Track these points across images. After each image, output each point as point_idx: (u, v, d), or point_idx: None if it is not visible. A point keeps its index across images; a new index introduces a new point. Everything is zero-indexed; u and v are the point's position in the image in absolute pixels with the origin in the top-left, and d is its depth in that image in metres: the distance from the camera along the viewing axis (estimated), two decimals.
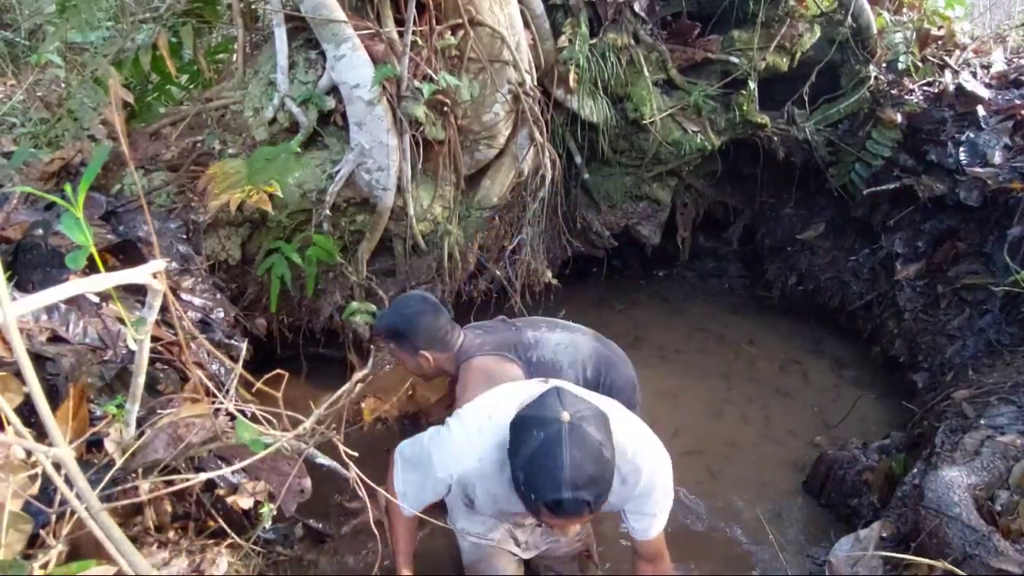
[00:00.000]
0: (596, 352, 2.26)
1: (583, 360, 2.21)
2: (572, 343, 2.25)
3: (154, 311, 1.08)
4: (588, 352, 2.24)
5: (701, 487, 2.55)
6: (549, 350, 2.19)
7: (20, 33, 4.10)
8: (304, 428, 1.33)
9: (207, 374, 1.83)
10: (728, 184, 4.09)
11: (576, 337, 2.28)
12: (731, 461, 2.71)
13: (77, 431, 1.33)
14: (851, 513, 2.35)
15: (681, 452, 2.74)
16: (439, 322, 2.14)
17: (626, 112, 3.32)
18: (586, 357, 2.23)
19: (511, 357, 2.16)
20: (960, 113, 3.23)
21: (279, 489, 1.51)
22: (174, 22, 2.74)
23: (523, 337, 2.21)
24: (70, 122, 2.53)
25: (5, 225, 1.95)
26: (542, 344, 2.20)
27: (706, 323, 3.82)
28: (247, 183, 2.22)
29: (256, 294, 2.68)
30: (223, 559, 1.39)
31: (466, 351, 2.17)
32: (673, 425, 2.89)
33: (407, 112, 2.50)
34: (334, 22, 2.35)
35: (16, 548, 1.12)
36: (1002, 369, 2.56)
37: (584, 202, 3.68)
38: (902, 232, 3.35)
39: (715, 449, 2.78)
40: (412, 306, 2.15)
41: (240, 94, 2.60)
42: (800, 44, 3.41)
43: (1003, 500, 1.83)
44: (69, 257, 1.02)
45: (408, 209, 2.68)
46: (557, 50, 3.07)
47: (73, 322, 1.66)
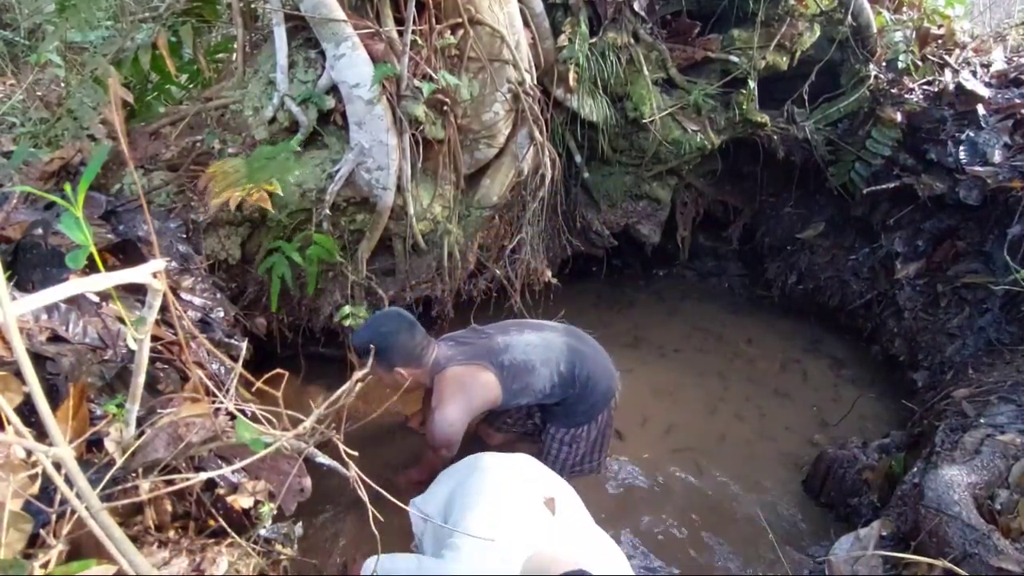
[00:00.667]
0: (568, 347, 2.34)
1: (555, 357, 2.29)
2: (543, 342, 2.31)
3: (154, 310, 1.08)
4: (560, 348, 2.32)
5: (697, 485, 2.55)
6: (520, 351, 2.26)
7: (20, 32, 4.10)
8: (304, 427, 1.33)
9: (207, 373, 1.83)
10: (728, 183, 4.09)
11: (547, 335, 2.35)
12: (729, 459, 2.71)
13: (77, 431, 1.33)
14: (851, 512, 2.35)
15: (674, 449, 2.75)
16: (414, 340, 2.17)
17: (626, 111, 3.32)
18: (558, 353, 2.30)
19: (484, 364, 2.22)
20: (960, 112, 3.23)
21: (279, 488, 1.52)
22: (174, 21, 2.74)
23: (494, 343, 2.28)
24: (70, 121, 2.53)
25: (5, 224, 1.95)
26: (513, 347, 2.27)
27: (705, 322, 3.83)
28: (247, 182, 2.23)
29: (256, 293, 2.68)
30: (223, 558, 1.39)
31: (440, 363, 2.22)
32: (668, 422, 2.91)
33: (407, 111, 2.50)
34: (334, 21, 2.35)
35: (16, 547, 1.12)
36: (1002, 368, 2.57)
37: (584, 201, 3.69)
38: (902, 231, 3.35)
39: (713, 447, 2.78)
40: (387, 324, 2.17)
41: (240, 93, 2.60)
42: (800, 43, 3.41)
43: (1003, 499, 1.83)
44: (69, 256, 1.02)
45: (408, 208, 2.68)
46: (557, 49, 3.07)
47: (73, 321, 1.66)
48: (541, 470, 1.90)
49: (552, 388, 2.29)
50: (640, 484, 2.55)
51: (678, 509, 2.43)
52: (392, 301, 2.90)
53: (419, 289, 2.98)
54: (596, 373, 2.34)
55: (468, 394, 2.18)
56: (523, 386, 2.25)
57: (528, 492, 1.73)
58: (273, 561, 1.54)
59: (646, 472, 2.60)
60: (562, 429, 2.41)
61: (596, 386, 2.35)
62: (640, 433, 2.84)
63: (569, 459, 2.44)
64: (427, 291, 3.01)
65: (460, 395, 2.16)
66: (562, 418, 2.40)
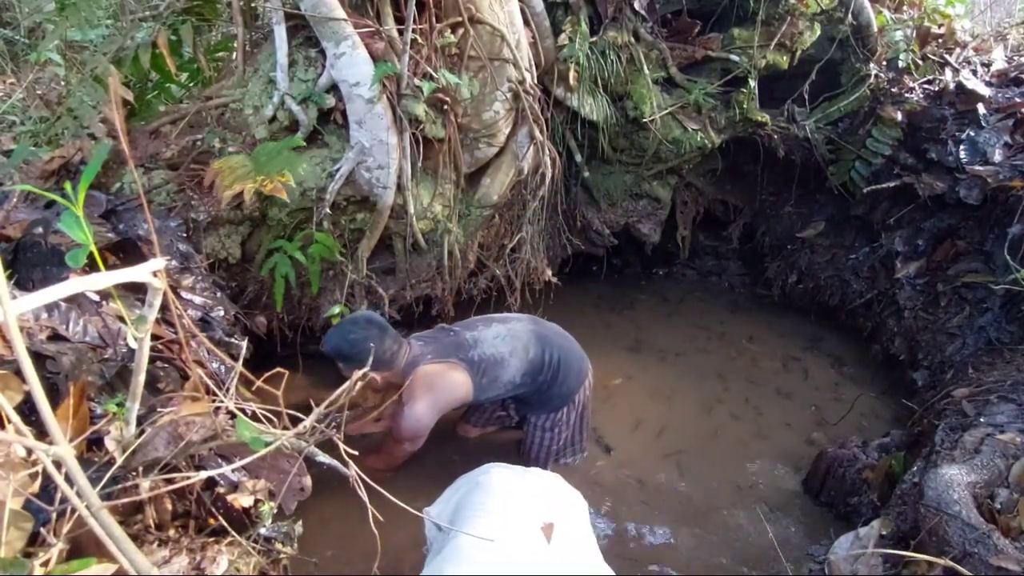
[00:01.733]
0: (534, 333, 2.38)
1: (524, 345, 2.33)
2: (509, 332, 2.36)
3: (154, 309, 1.08)
4: (526, 337, 2.36)
5: (697, 485, 2.55)
6: (489, 345, 2.30)
7: (20, 31, 4.10)
8: (304, 426, 1.33)
9: (207, 372, 1.83)
10: (728, 182, 4.09)
11: (512, 326, 2.39)
12: (729, 459, 2.71)
13: (77, 429, 1.33)
14: (851, 511, 2.35)
15: (673, 450, 2.75)
16: (384, 344, 2.17)
17: (626, 110, 3.32)
18: (526, 342, 2.35)
19: (454, 362, 2.26)
20: (960, 111, 3.23)
21: (279, 487, 1.52)
22: (174, 20, 2.74)
23: (462, 339, 2.32)
24: (70, 120, 2.53)
25: (5, 223, 1.95)
26: (481, 342, 2.31)
27: (706, 322, 3.83)
28: (256, 175, 2.23)
29: (256, 292, 2.69)
30: (223, 557, 1.39)
31: (412, 362, 2.24)
32: (667, 424, 2.90)
33: (407, 110, 2.50)
34: (334, 20, 2.34)
35: (17, 546, 1.12)
36: (1002, 367, 2.57)
37: (584, 200, 3.69)
38: (902, 230, 3.35)
39: (713, 447, 2.78)
40: (356, 331, 2.17)
41: (240, 92, 2.60)
42: (800, 42, 3.40)
43: (1003, 498, 1.83)
44: (69, 255, 1.02)
45: (408, 207, 2.68)
46: (557, 48, 3.07)
47: (73, 320, 1.66)
48: (554, 493, 1.77)
49: (523, 377, 2.32)
50: (639, 484, 2.55)
51: (678, 509, 2.43)
52: (392, 300, 2.90)
53: (419, 288, 2.99)
54: (565, 355, 2.39)
55: (438, 392, 2.21)
56: (493, 379, 2.28)
57: (527, 515, 1.62)
58: (273, 560, 1.54)
59: (644, 472, 2.60)
60: (542, 416, 2.45)
61: (569, 368, 2.39)
62: (640, 434, 2.84)
63: (554, 445, 2.48)
64: (427, 290, 3.01)
65: (429, 393, 2.20)
66: (539, 405, 2.44)
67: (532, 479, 1.80)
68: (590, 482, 2.50)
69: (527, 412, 2.51)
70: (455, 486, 1.88)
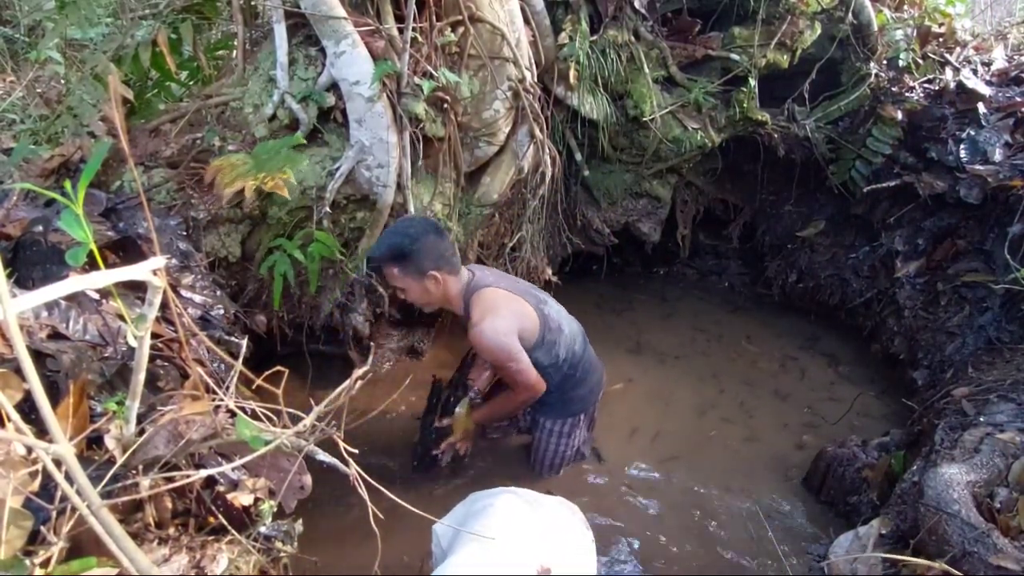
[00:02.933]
0: (580, 331, 2.40)
1: (575, 334, 2.33)
2: (567, 316, 2.36)
3: (154, 308, 1.08)
4: (576, 328, 2.38)
5: (695, 485, 2.55)
6: (555, 311, 2.26)
7: (19, 30, 4.10)
8: (304, 425, 1.33)
9: (207, 371, 1.82)
10: (728, 181, 4.09)
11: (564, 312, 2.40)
12: (729, 459, 2.71)
13: (77, 428, 1.33)
14: (850, 510, 2.35)
15: (674, 450, 2.75)
16: (444, 242, 2.03)
17: (626, 109, 3.32)
18: (576, 332, 2.35)
19: (526, 299, 2.13)
20: (961, 110, 3.23)
21: (279, 486, 1.51)
22: (174, 19, 2.74)
23: (534, 290, 2.28)
24: (70, 119, 2.53)
25: (5, 222, 1.95)
26: (550, 304, 2.28)
27: (705, 321, 3.83)
28: (257, 172, 2.22)
29: (256, 291, 2.68)
30: (223, 556, 1.39)
31: (479, 282, 2.09)
32: (664, 425, 2.91)
33: (407, 109, 2.50)
34: (334, 19, 2.34)
35: (17, 545, 1.12)
36: (1002, 367, 2.57)
37: (584, 199, 3.68)
38: (902, 229, 3.35)
39: (714, 447, 2.79)
40: (416, 225, 2.00)
41: (240, 91, 2.60)
42: (801, 41, 3.40)
43: (1002, 497, 1.83)
44: (69, 254, 1.02)
45: (408, 206, 2.67)
46: (557, 47, 3.07)
47: (73, 319, 1.66)
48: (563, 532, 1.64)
49: (563, 360, 2.22)
50: (637, 485, 2.55)
51: (677, 509, 2.43)
52: (392, 299, 2.90)
53: None
54: (593, 360, 2.41)
55: (507, 310, 2.03)
56: (551, 342, 2.16)
57: (524, 553, 1.49)
58: (273, 559, 1.53)
59: (638, 477, 2.60)
60: (558, 421, 2.38)
61: (593, 372, 2.39)
62: (640, 435, 2.84)
63: (568, 451, 2.44)
64: None
65: (504, 308, 2.02)
66: (557, 407, 2.35)
67: (544, 512, 1.66)
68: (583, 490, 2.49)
69: (541, 416, 2.41)
70: (468, 501, 1.75)
